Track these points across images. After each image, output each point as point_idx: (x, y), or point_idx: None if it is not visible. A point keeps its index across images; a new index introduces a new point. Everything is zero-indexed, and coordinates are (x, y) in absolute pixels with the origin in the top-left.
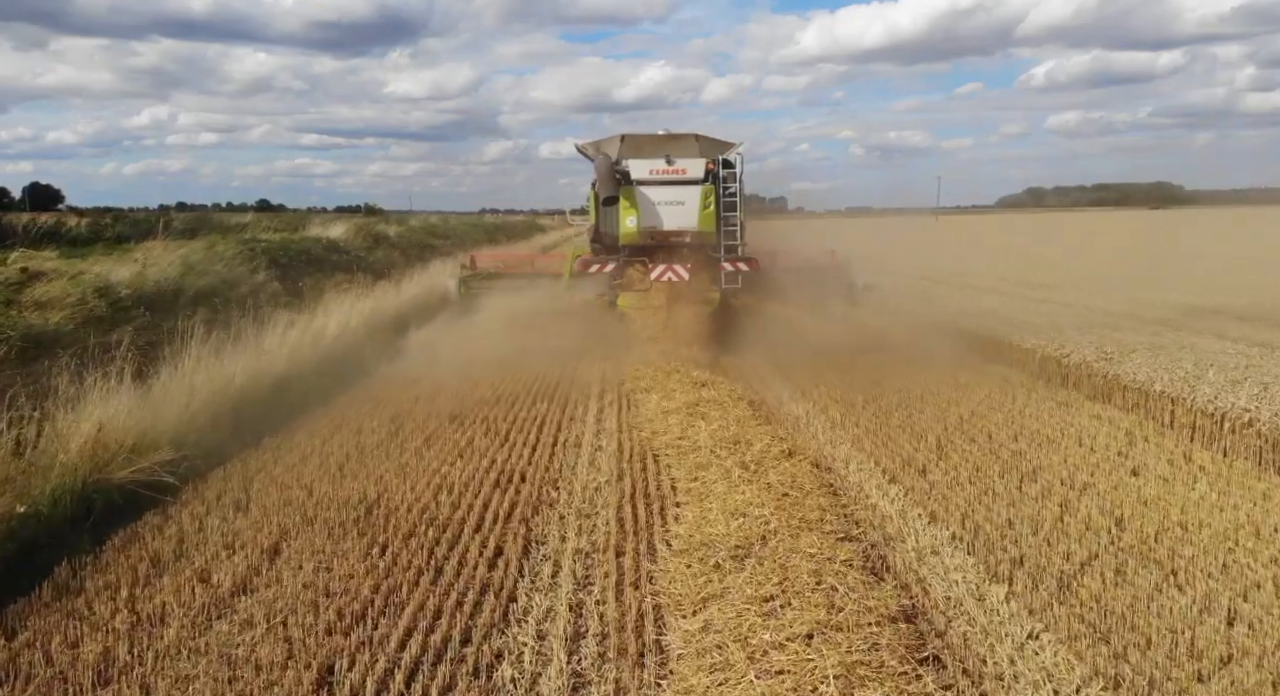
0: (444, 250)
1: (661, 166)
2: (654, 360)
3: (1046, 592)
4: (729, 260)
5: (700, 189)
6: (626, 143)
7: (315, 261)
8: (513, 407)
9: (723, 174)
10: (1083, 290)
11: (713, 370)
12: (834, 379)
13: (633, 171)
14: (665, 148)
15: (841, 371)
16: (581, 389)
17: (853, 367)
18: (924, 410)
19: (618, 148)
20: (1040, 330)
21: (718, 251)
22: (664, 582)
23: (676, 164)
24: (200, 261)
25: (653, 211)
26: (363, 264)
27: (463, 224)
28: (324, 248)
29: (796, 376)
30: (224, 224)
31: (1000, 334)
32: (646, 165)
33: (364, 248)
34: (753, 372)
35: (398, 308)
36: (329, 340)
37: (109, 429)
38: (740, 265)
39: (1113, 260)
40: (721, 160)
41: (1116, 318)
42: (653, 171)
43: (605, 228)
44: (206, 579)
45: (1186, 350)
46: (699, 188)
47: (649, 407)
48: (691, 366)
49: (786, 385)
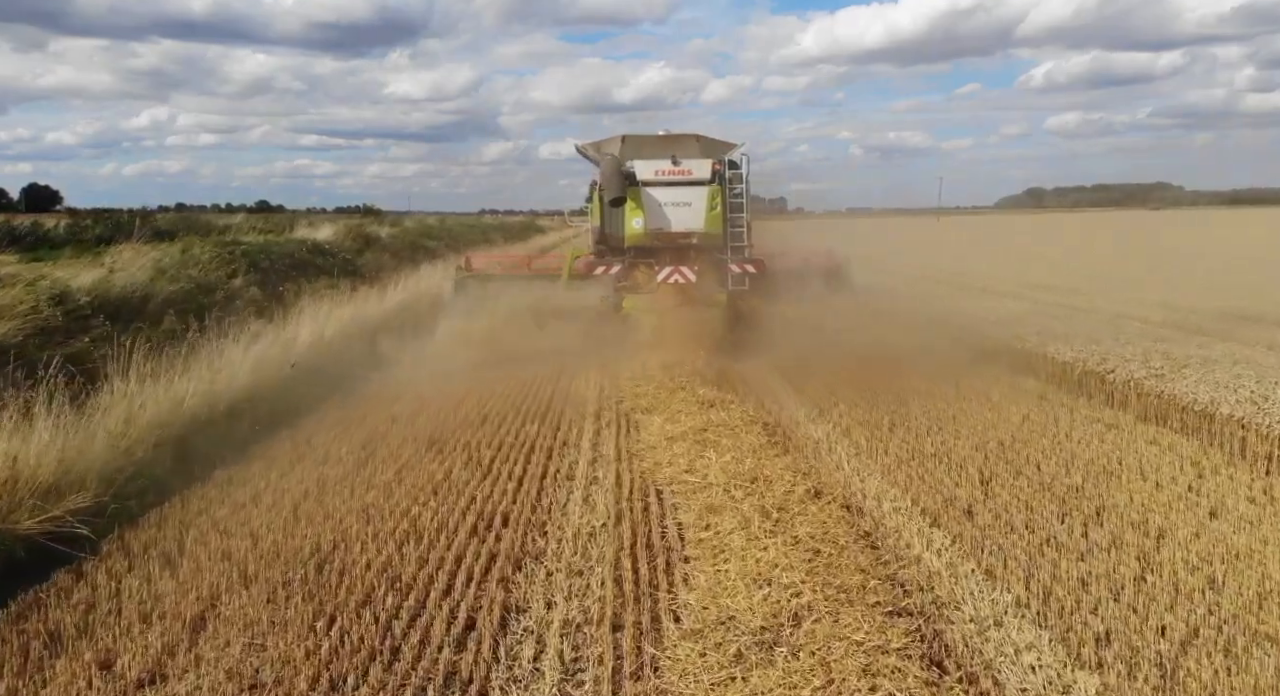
0: (438, 252)
1: (667, 167)
2: (655, 374)
3: (1150, 686)
4: (736, 262)
5: (707, 190)
6: (627, 144)
7: (299, 265)
8: (499, 430)
9: (728, 175)
10: (1108, 294)
11: (720, 385)
12: (853, 395)
13: (638, 172)
14: (666, 148)
15: (860, 385)
16: (577, 406)
17: (872, 381)
18: (958, 433)
19: (618, 149)
20: (1073, 340)
21: (724, 253)
22: (672, 675)
23: (682, 165)
24: (175, 265)
25: (659, 213)
26: (350, 267)
27: (459, 225)
28: (309, 250)
29: (811, 390)
30: (211, 225)
31: (1030, 344)
32: (652, 166)
33: (353, 250)
34: (763, 386)
35: (383, 314)
36: (301, 352)
37: (22, 465)
38: (747, 267)
39: (1129, 261)
40: (727, 161)
41: (1153, 325)
42: (659, 172)
43: (610, 229)
44: (109, 664)
45: (1243, 365)
46: (705, 189)
47: (651, 432)
48: (698, 382)
49: (801, 402)
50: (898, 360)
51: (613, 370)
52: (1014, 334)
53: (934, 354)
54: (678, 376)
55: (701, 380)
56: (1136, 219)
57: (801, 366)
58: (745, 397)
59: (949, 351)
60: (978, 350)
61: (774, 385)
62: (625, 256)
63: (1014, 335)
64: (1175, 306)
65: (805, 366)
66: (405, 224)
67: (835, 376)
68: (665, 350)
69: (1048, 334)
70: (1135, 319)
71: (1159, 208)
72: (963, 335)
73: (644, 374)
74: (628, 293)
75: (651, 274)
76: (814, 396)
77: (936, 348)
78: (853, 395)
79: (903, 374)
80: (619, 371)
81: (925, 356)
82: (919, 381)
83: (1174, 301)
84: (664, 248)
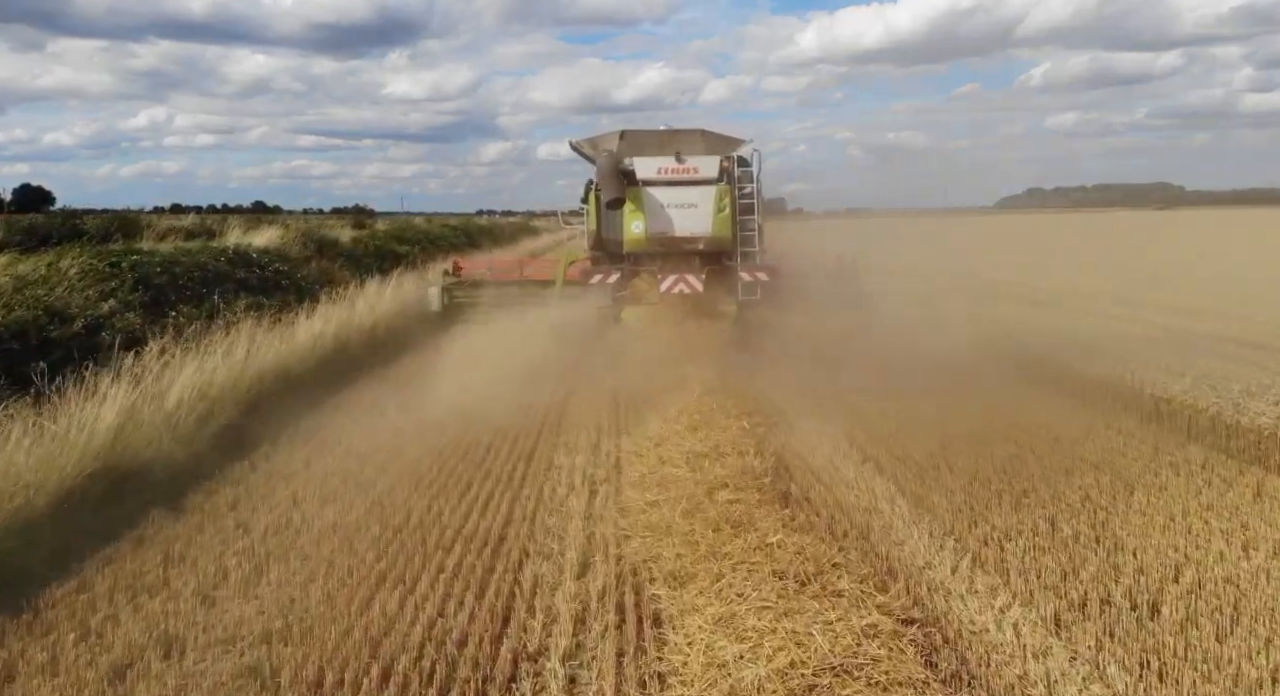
0: (412, 259)
1: (671, 165)
2: (679, 472)
3: None
4: (747, 269)
5: (714, 190)
6: (626, 139)
7: (213, 280)
8: (412, 600)
9: (738, 173)
10: (1169, 307)
11: (787, 494)
12: (984, 496)
13: (639, 171)
14: (669, 144)
15: (978, 469)
16: (555, 512)
17: (988, 458)
18: (1072, 513)
19: (617, 145)
20: (1172, 372)
21: (733, 259)
22: None
23: (687, 162)
24: (36, 282)
25: (662, 215)
26: (289, 281)
27: (444, 227)
28: (228, 261)
29: (931, 497)
30: (155, 227)
31: (1114, 374)
32: (654, 164)
33: (301, 258)
34: (845, 483)
35: (311, 346)
36: (159, 421)
37: None
38: (759, 274)
39: (1170, 266)
40: (736, 158)
41: (1252, 350)
42: (661, 170)
43: (608, 233)
44: None
45: None
46: (713, 188)
47: (694, 659)
48: (755, 494)
49: (933, 529)
50: (995, 415)
51: (610, 448)
52: (1122, 367)
53: (991, 379)
54: (719, 476)
55: (761, 492)
56: (1150, 219)
57: (876, 428)
58: (835, 516)
59: (1009, 378)
60: (1086, 393)
61: (864, 482)
62: (625, 263)
63: (1124, 370)
64: (1263, 323)
65: (882, 429)
66: (377, 226)
67: (937, 452)
68: (672, 369)
69: (1124, 357)
70: (1225, 339)
71: (1166, 208)
72: (1054, 368)
73: (660, 473)
74: (628, 303)
75: (653, 283)
76: (943, 514)
77: (989, 370)
78: (984, 496)
79: (966, 409)
80: (619, 452)
81: (980, 381)
82: (989, 419)
83: (1260, 316)
84: (667, 254)
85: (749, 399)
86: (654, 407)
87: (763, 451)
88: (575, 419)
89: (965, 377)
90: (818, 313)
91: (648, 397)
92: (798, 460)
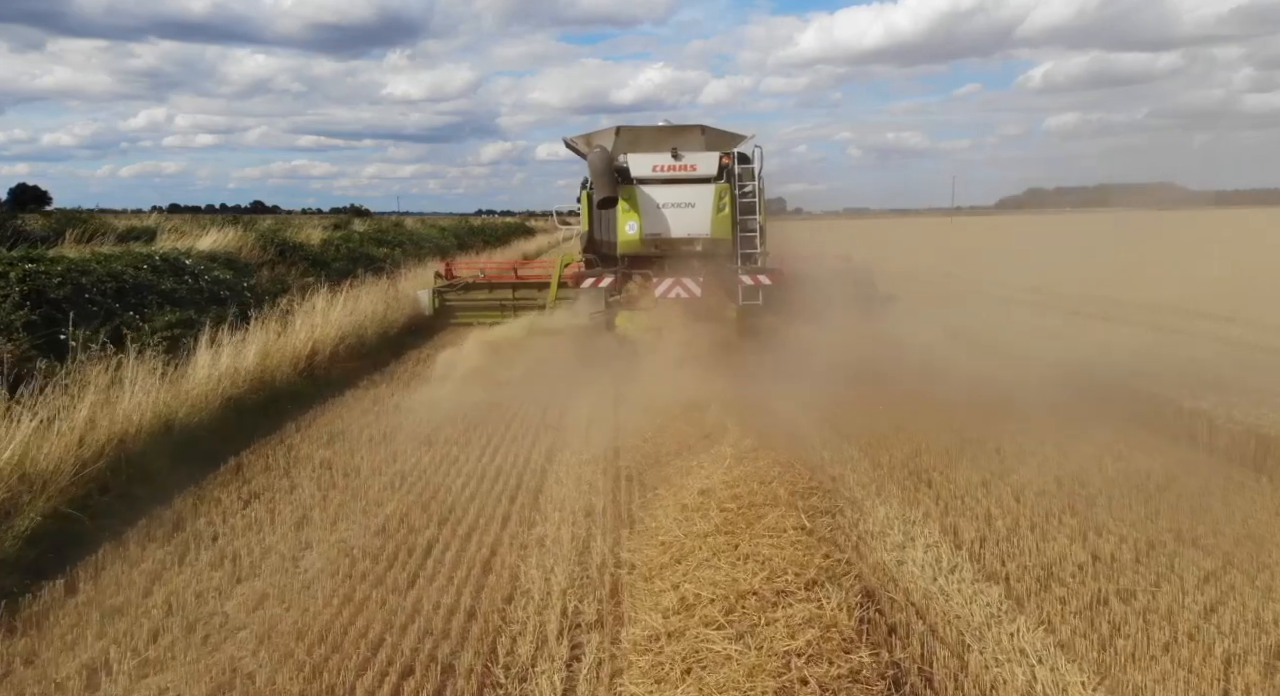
0: (389, 265)
1: (667, 162)
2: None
3: None
4: (748, 272)
5: (713, 188)
6: (622, 135)
7: (128, 293)
8: None
9: (738, 170)
10: (1246, 321)
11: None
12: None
13: (633, 168)
14: (666, 140)
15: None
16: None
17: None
18: None
19: (612, 141)
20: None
21: (733, 262)
22: None
23: (685, 159)
24: None
25: (657, 215)
26: (231, 291)
27: (432, 228)
28: (153, 270)
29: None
30: (112, 228)
31: (1238, 415)
32: (649, 161)
33: (256, 264)
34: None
35: (214, 386)
36: None
37: None
38: (761, 278)
39: (1216, 270)
40: (737, 154)
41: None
42: (657, 168)
43: (601, 234)
44: None
45: None
46: (712, 187)
47: None
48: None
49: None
50: (1178, 492)
51: (605, 552)
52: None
53: (1058, 413)
54: (788, 648)
55: (856, 677)
56: (1163, 219)
57: (989, 519)
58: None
59: (1198, 456)
60: (1235, 448)
61: (1007, 634)
62: (618, 266)
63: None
64: None
65: (999, 522)
66: (354, 227)
67: (1106, 585)
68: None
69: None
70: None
71: (1172, 208)
72: (1158, 404)
73: (686, 637)
74: (621, 309)
75: (648, 287)
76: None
77: (1058, 399)
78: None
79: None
80: (616, 564)
81: (1192, 472)
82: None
83: None
84: (663, 256)
85: (794, 462)
86: (667, 480)
87: (840, 577)
88: (558, 494)
89: (1058, 419)
90: (832, 321)
91: (657, 460)
92: (890, 587)
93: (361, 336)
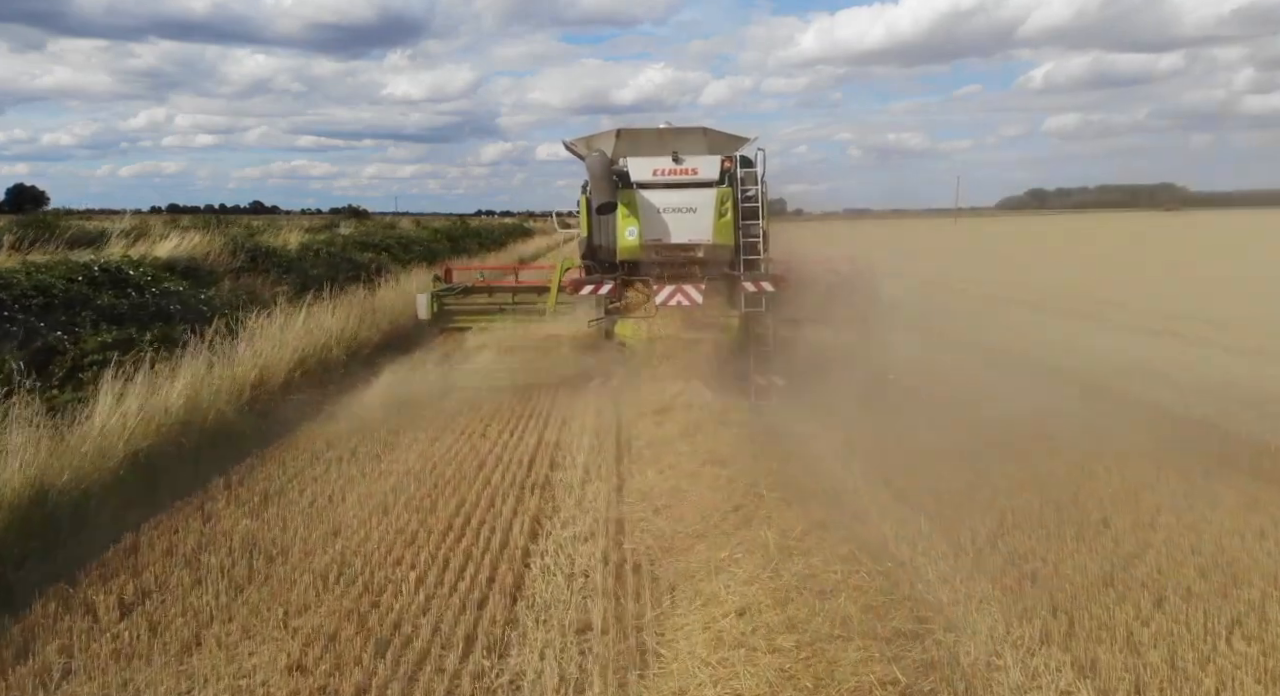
0: (373, 269)
1: (668, 166)
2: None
3: None
4: (750, 279)
5: (715, 193)
6: (623, 138)
7: (59, 308)
8: None
9: (741, 174)
10: None
11: None
12: None
13: (633, 172)
14: (667, 144)
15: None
16: None
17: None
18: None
19: (612, 144)
20: None
21: (736, 268)
22: None
23: (686, 163)
24: None
25: (657, 220)
26: (184, 305)
27: (426, 230)
28: (90, 281)
29: None
30: (84, 232)
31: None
32: (649, 165)
33: (219, 273)
34: None
35: (119, 431)
36: None
37: None
38: (764, 285)
39: (1241, 276)
40: (739, 157)
41: None
42: (657, 172)
43: (600, 240)
44: None
45: None
46: (713, 191)
47: None
48: None
49: None
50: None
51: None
52: None
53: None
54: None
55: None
56: (1167, 222)
57: (1089, 609)
58: None
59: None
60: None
61: None
62: (618, 273)
63: None
64: None
65: (1098, 610)
66: (340, 229)
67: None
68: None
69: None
70: None
71: (1174, 209)
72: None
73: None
74: (621, 317)
75: (648, 294)
76: None
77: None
78: None
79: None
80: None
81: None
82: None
83: None
84: (663, 262)
85: (856, 552)
86: (689, 578)
87: None
88: (543, 596)
89: (1151, 465)
90: (839, 328)
91: (673, 544)
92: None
93: (325, 358)
